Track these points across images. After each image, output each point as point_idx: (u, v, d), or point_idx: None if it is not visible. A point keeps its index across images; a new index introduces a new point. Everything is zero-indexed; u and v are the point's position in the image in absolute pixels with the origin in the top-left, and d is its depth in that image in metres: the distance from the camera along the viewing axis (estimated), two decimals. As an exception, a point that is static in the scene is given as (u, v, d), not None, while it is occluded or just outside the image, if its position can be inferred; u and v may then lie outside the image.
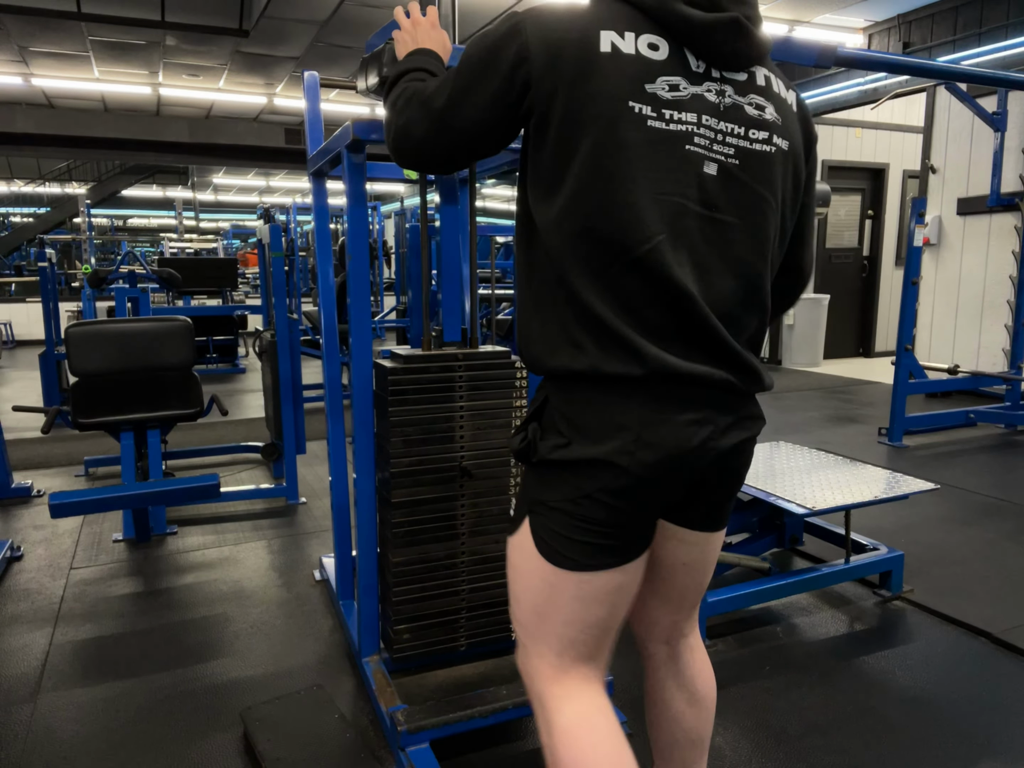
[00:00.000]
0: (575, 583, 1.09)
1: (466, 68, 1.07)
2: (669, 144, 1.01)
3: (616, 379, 1.01)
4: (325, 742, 1.77)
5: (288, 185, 17.92)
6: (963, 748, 1.78)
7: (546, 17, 1.03)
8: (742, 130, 1.05)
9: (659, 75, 1.01)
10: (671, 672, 1.31)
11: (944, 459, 4.37)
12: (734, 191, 1.04)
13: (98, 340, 3.26)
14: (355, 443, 1.94)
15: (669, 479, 1.06)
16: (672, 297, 1.01)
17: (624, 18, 1.03)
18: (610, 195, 1.00)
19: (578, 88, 1.00)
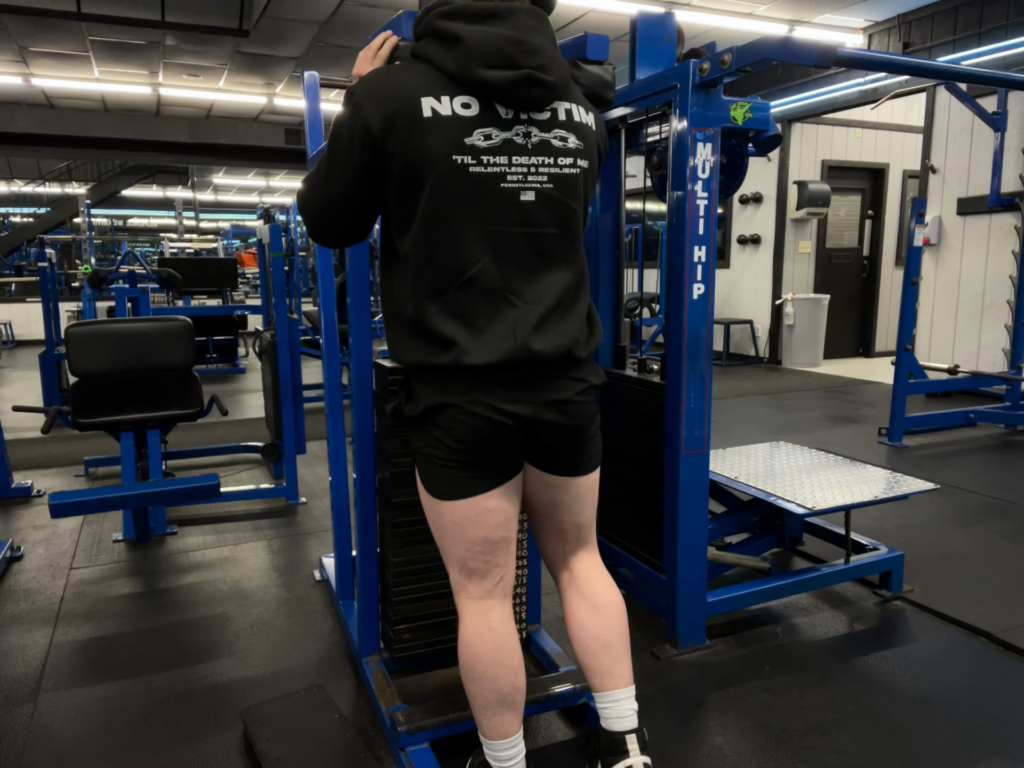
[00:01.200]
0: (449, 509, 1.40)
1: (330, 155, 1.32)
2: (489, 184, 1.27)
3: (446, 368, 1.31)
4: (325, 742, 1.77)
5: (288, 185, 17.91)
6: (963, 748, 1.78)
7: (375, 92, 1.27)
8: (551, 159, 1.31)
9: (475, 128, 1.26)
10: (573, 589, 1.56)
11: (944, 459, 4.37)
12: (551, 208, 1.33)
13: (98, 340, 3.26)
14: (355, 443, 1.94)
15: (495, 428, 1.33)
16: (496, 302, 1.30)
17: (438, 83, 1.26)
18: (444, 234, 1.28)
19: (411, 148, 1.25)
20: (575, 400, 1.40)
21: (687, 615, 2.20)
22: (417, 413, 1.37)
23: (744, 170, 2.36)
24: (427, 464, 1.41)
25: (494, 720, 1.44)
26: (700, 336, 2.10)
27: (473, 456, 1.36)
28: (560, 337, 1.34)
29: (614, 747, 1.47)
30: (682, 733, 1.85)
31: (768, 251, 8.06)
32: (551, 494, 1.51)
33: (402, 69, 1.31)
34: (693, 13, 6.47)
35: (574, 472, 1.49)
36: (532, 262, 1.33)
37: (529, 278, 1.33)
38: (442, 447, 1.36)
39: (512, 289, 1.31)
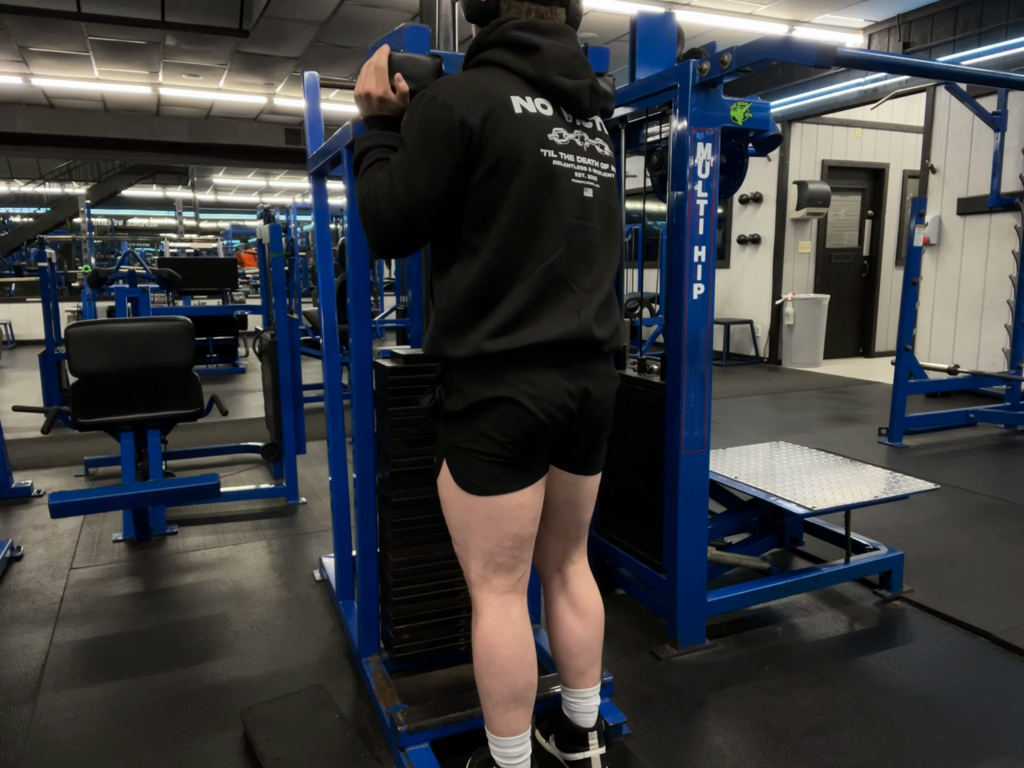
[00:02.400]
0: (485, 505, 1.42)
1: (416, 152, 1.33)
2: (565, 178, 1.38)
3: (510, 352, 1.35)
4: (325, 742, 1.77)
5: (288, 185, 17.91)
6: (963, 748, 1.78)
7: (463, 89, 1.34)
8: (597, 163, 1.45)
9: (552, 126, 1.37)
10: (562, 591, 1.62)
11: (944, 459, 4.37)
12: (599, 207, 1.44)
13: (98, 340, 3.26)
14: (355, 443, 1.94)
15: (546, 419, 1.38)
16: (562, 289, 1.38)
17: (519, 85, 1.37)
18: (532, 222, 1.35)
19: (506, 141, 1.32)
20: (610, 390, 1.50)
21: (687, 615, 2.20)
22: (462, 408, 1.39)
23: (744, 170, 2.36)
24: (465, 458, 1.42)
25: (506, 716, 1.46)
26: (700, 336, 2.10)
27: (519, 451, 1.40)
28: (611, 326, 1.47)
29: (577, 739, 1.61)
30: (682, 733, 1.85)
31: (768, 251, 8.06)
32: (566, 492, 1.56)
33: (480, 73, 1.38)
34: (693, 13, 6.47)
35: (587, 470, 1.56)
36: (589, 254, 1.43)
37: (586, 269, 1.42)
38: (486, 442, 1.38)
39: (575, 278, 1.40)
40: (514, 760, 1.48)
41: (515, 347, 1.35)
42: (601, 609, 1.64)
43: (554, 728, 1.70)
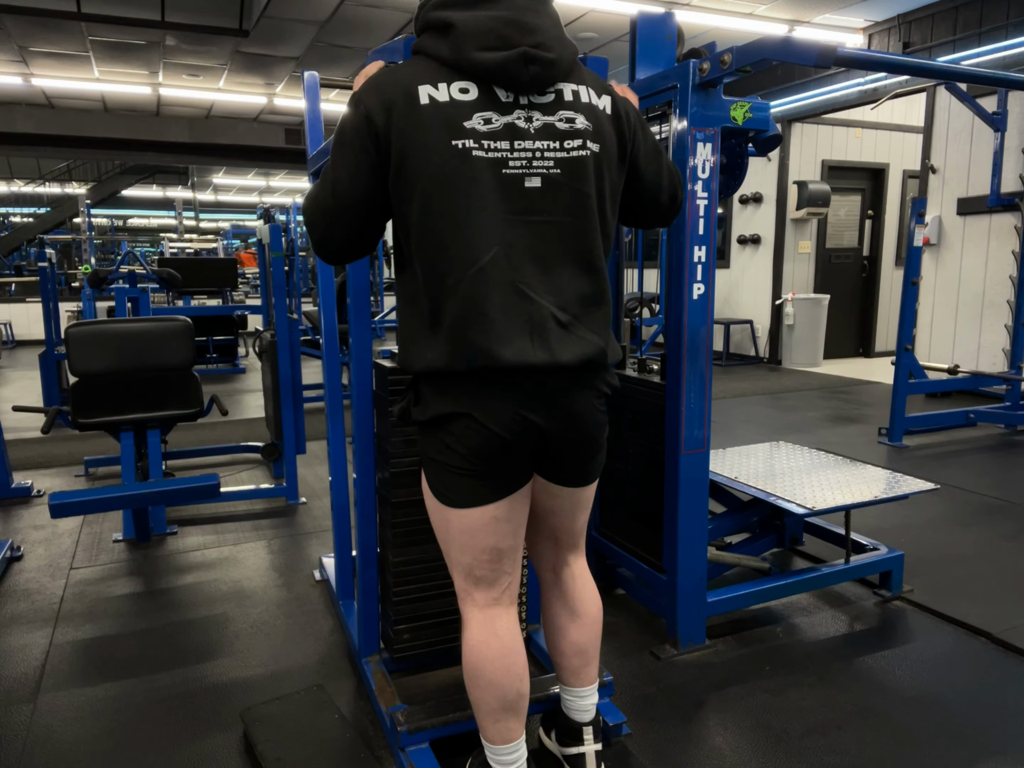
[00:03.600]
0: (458, 517, 1.38)
1: (336, 155, 1.28)
2: (491, 170, 1.23)
3: (459, 373, 1.27)
4: (325, 742, 1.77)
5: (288, 185, 17.91)
6: (963, 748, 1.78)
7: (375, 85, 1.26)
8: (557, 143, 1.26)
9: (474, 112, 1.23)
10: (556, 593, 1.58)
11: (944, 459, 4.37)
12: (559, 195, 1.27)
13: (98, 340, 3.26)
14: (355, 443, 1.94)
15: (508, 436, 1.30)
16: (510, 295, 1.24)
17: (435, 71, 1.24)
18: (451, 223, 1.23)
19: (409, 137, 1.22)
20: (588, 411, 1.37)
21: (687, 615, 2.20)
22: (426, 419, 1.33)
23: (744, 170, 2.36)
24: (435, 470, 1.38)
25: (497, 726, 1.44)
26: (700, 336, 2.10)
27: (485, 465, 1.33)
28: (581, 345, 1.30)
29: (573, 734, 1.60)
30: (682, 733, 1.85)
31: (768, 251, 8.06)
32: (551, 502, 1.50)
33: (402, 64, 1.30)
34: (693, 13, 6.47)
35: (577, 483, 1.48)
36: (546, 253, 1.27)
37: (543, 270, 1.27)
38: (452, 454, 1.32)
39: (525, 281, 1.25)
40: (509, 767, 1.47)
41: (460, 369, 1.26)
42: (598, 611, 1.59)
43: (553, 724, 1.70)
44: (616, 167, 1.36)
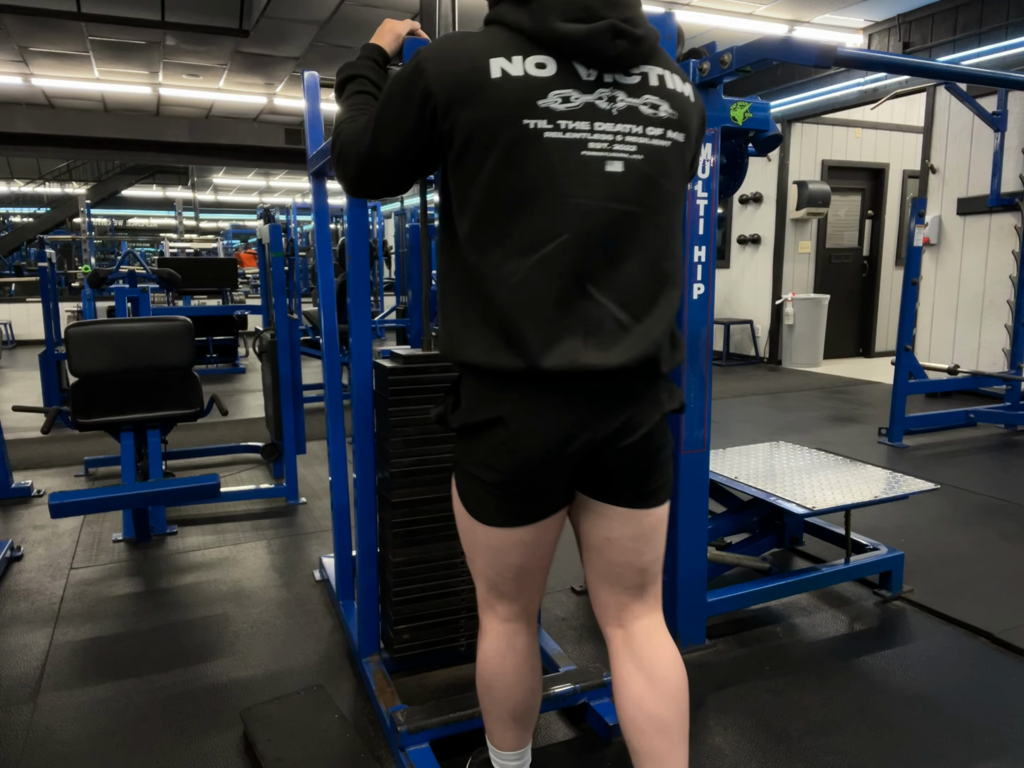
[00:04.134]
0: (485, 533, 1.29)
1: (382, 111, 1.20)
2: (567, 151, 1.12)
3: (508, 372, 1.15)
4: (325, 742, 1.77)
5: (288, 185, 17.91)
6: (963, 748, 1.78)
7: (443, 53, 1.15)
8: (640, 128, 1.15)
9: (550, 90, 1.11)
10: (628, 655, 1.33)
11: (944, 459, 4.37)
12: (640, 185, 1.16)
13: (98, 340, 3.26)
14: (355, 443, 1.94)
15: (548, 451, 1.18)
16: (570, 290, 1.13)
17: (510, 44, 1.13)
18: (515, 208, 1.13)
19: (477, 114, 1.11)
20: (645, 421, 1.22)
21: (687, 615, 2.20)
22: (462, 425, 1.24)
23: (744, 170, 2.36)
24: (467, 480, 1.29)
25: (506, 734, 1.43)
26: (700, 336, 2.10)
27: (520, 485, 1.22)
28: (641, 345, 1.17)
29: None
30: (682, 733, 1.85)
31: (768, 251, 8.06)
32: (606, 528, 1.30)
33: (474, 33, 1.17)
34: (693, 13, 6.47)
35: (636, 503, 1.28)
36: (618, 245, 1.15)
37: (612, 264, 1.15)
38: (486, 469, 1.22)
39: (589, 274, 1.14)
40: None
41: (504, 367, 1.15)
42: (683, 675, 1.31)
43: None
44: (690, 160, 1.27)
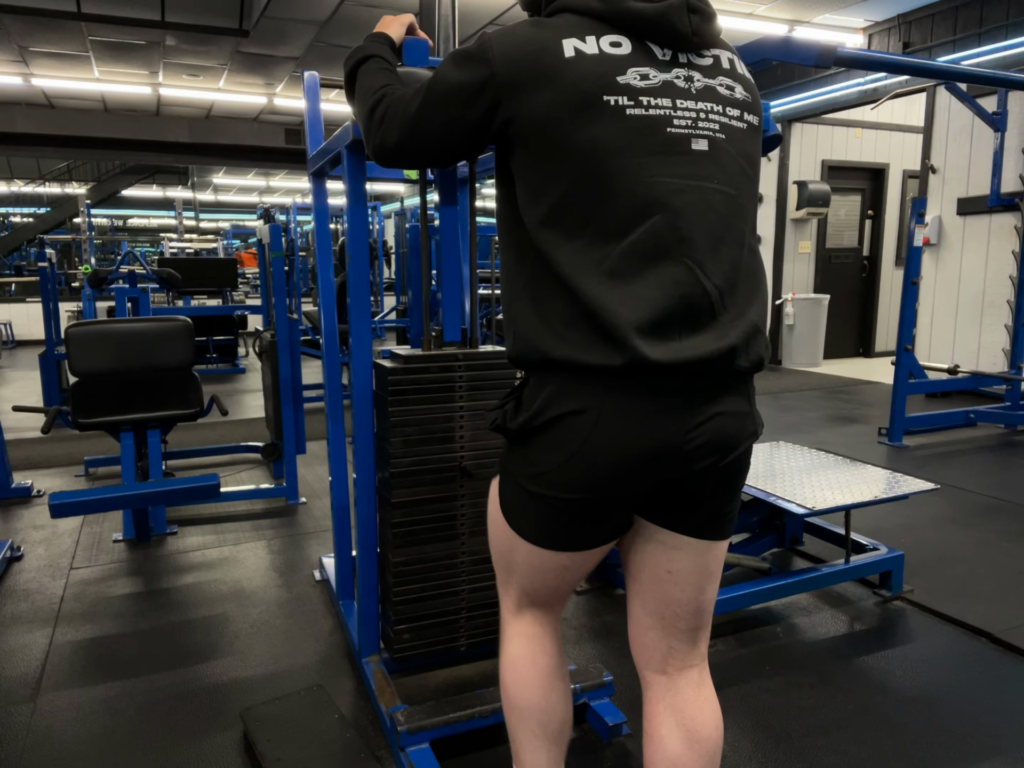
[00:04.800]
0: (527, 550, 1.19)
1: (439, 84, 1.12)
2: (651, 128, 1.05)
3: (592, 369, 1.03)
4: (325, 742, 1.77)
5: (288, 185, 17.91)
6: (963, 748, 1.78)
7: (511, 36, 1.09)
8: (720, 108, 1.10)
9: (628, 67, 1.06)
10: (669, 707, 1.22)
11: (944, 459, 4.37)
12: (726, 164, 1.09)
13: (98, 340, 3.26)
14: (355, 443, 1.94)
15: (623, 469, 1.06)
16: (669, 271, 1.04)
17: (581, 26, 1.08)
18: (597, 191, 1.05)
19: (551, 95, 1.05)
20: (741, 427, 1.11)
21: (687, 615, 2.19)
22: (522, 422, 1.10)
23: (744, 170, 2.36)
24: (514, 489, 1.17)
25: (538, 754, 1.27)
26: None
27: (583, 505, 1.10)
28: (741, 331, 1.08)
29: None
30: (682, 733, 1.84)
31: (768, 251, 8.05)
32: (669, 560, 1.17)
33: (542, 21, 1.12)
34: (693, 13, 6.46)
35: (708, 534, 1.16)
36: (715, 225, 1.07)
37: (713, 245, 1.06)
38: (542, 479, 1.10)
39: (691, 255, 1.04)
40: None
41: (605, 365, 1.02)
42: (721, 736, 1.22)
43: None
44: (760, 147, 1.21)
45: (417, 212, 4.18)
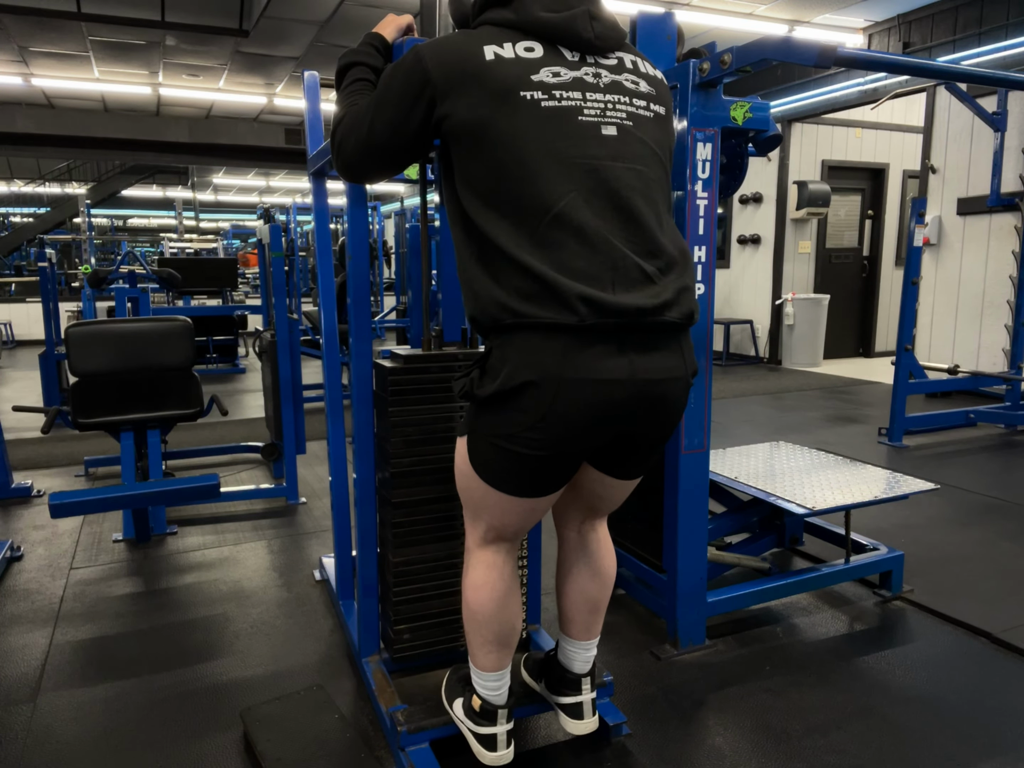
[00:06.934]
0: (497, 498, 1.39)
1: (382, 97, 1.32)
2: (564, 117, 1.23)
3: (546, 326, 1.20)
4: (325, 742, 1.77)
5: (288, 185, 17.91)
6: (963, 748, 1.78)
7: (441, 45, 1.28)
8: (627, 99, 1.29)
9: (541, 67, 1.25)
10: (580, 552, 1.62)
11: (944, 459, 4.37)
12: (634, 145, 1.28)
13: (98, 340, 3.26)
14: (355, 443, 1.94)
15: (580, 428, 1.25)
16: (593, 242, 1.21)
17: (500, 34, 1.28)
18: (523, 173, 1.22)
19: (475, 93, 1.23)
20: (675, 386, 1.31)
21: (687, 615, 2.20)
22: (492, 392, 1.26)
23: (744, 170, 2.36)
24: (486, 449, 1.33)
25: (490, 656, 1.53)
26: (700, 336, 2.10)
27: (548, 460, 1.29)
28: (672, 289, 1.25)
29: (571, 684, 1.64)
30: (682, 733, 1.85)
31: (768, 251, 8.06)
32: (603, 487, 1.51)
33: (468, 32, 1.32)
34: (693, 13, 6.47)
35: (635, 476, 1.49)
36: (627, 201, 1.24)
37: (625, 219, 1.24)
38: (519, 441, 1.27)
39: (606, 228, 1.22)
40: (493, 691, 1.56)
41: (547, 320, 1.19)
42: (615, 569, 1.66)
43: (545, 673, 1.72)
44: (671, 135, 1.41)
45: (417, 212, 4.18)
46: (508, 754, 1.56)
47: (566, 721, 1.65)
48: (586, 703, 1.64)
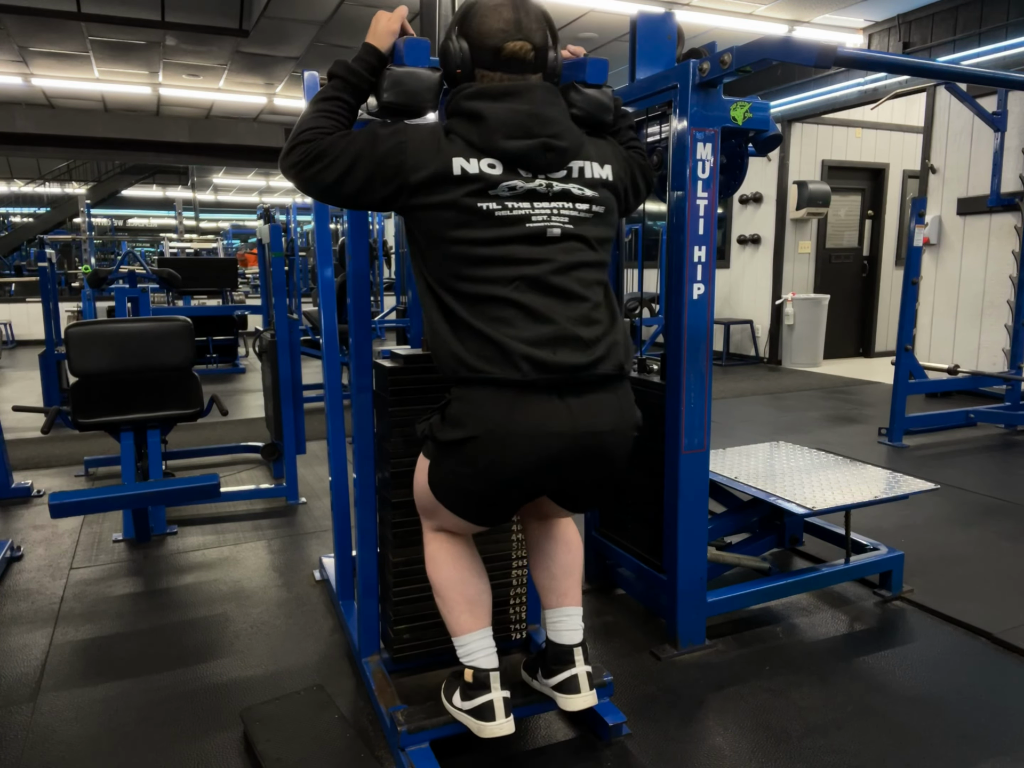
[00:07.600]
0: (448, 514, 1.55)
1: (362, 157, 1.44)
2: (515, 224, 1.44)
3: (496, 382, 1.40)
4: (325, 742, 1.77)
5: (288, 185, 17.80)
6: (963, 748, 1.78)
7: (423, 141, 1.44)
8: (571, 205, 1.49)
9: (500, 182, 1.44)
10: (544, 532, 1.73)
11: (944, 459, 4.37)
12: (573, 241, 1.49)
13: (98, 340, 3.26)
14: (355, 443, 1.94)
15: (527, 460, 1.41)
16: (536, 317, 1.43)
17: (468, 149, 1.44)
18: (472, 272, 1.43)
19: (443, 197, 1.42)
20: (617, 432, 1.50)
21: (687, 615, 2.20)
22: (446, 440, 1.45)
23: (744, 170, 2.36)
24: (441, 478, 1.52)
25: (463, 616, 1.61)
26: (700, 336, 2.10)
27: (494, 499, 1.49)
28: (603, 348, 1.46)
29: (562, 657, 1.65)
30: (682, 733, 1.85)
31: (768, 251, 8.06)
32: (557, 512, 1.70)
33: (445, 139, 1.47)
34: (693, 13, 6.47)
35: (584, 510, 1.72)
36: (564, 288, 1.46)
37: (563, 299, 1.46)
38: (467, 481, 1.46)
39: (547, 306, 1.43)
40: (480, 652, 1.58)
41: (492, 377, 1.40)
42: (580, 540, 1.77)
43: (540, 663, 1.73)
44: (615, 220, 1.61)
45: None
46: (508, 724, 1.55)
47: (562, 700, 1.63)
48: (580, 675, 1.63)
